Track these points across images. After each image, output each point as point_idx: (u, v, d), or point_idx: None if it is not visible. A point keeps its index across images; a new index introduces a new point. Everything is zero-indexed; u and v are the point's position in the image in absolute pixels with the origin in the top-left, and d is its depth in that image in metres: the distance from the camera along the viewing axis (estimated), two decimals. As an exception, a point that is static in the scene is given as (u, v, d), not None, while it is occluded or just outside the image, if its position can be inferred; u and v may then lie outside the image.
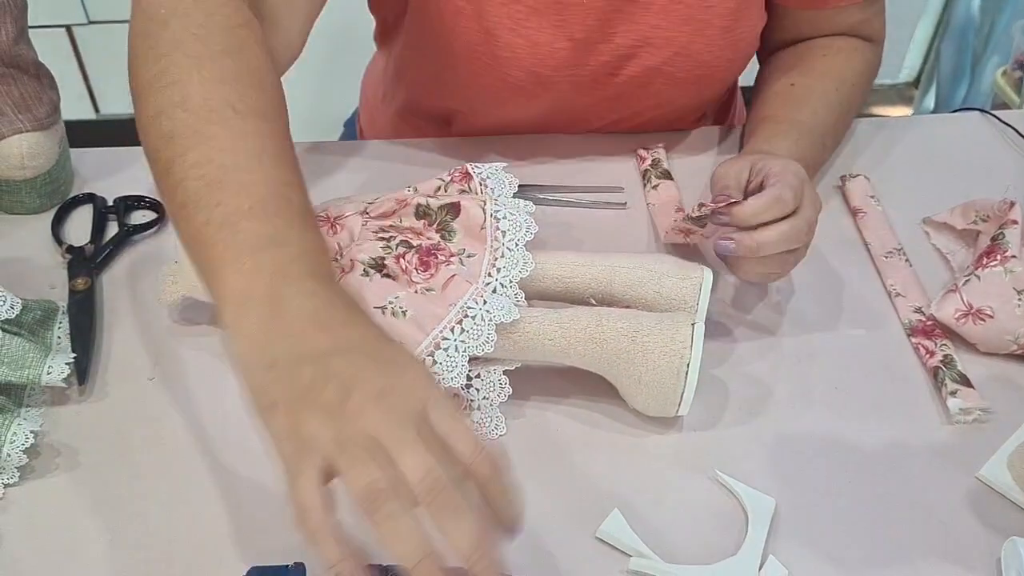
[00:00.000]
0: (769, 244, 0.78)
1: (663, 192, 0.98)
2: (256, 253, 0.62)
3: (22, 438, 0.73)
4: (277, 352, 0.59)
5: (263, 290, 0.61)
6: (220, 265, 0.62)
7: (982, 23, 2.35)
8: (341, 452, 0.55)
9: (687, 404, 0.74)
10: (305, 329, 0.60)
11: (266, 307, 0.60)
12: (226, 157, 0.66)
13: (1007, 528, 0.71)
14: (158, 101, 0.69)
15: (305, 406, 0.57)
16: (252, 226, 0.63)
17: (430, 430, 0.56)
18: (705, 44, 0.94)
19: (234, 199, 0.64)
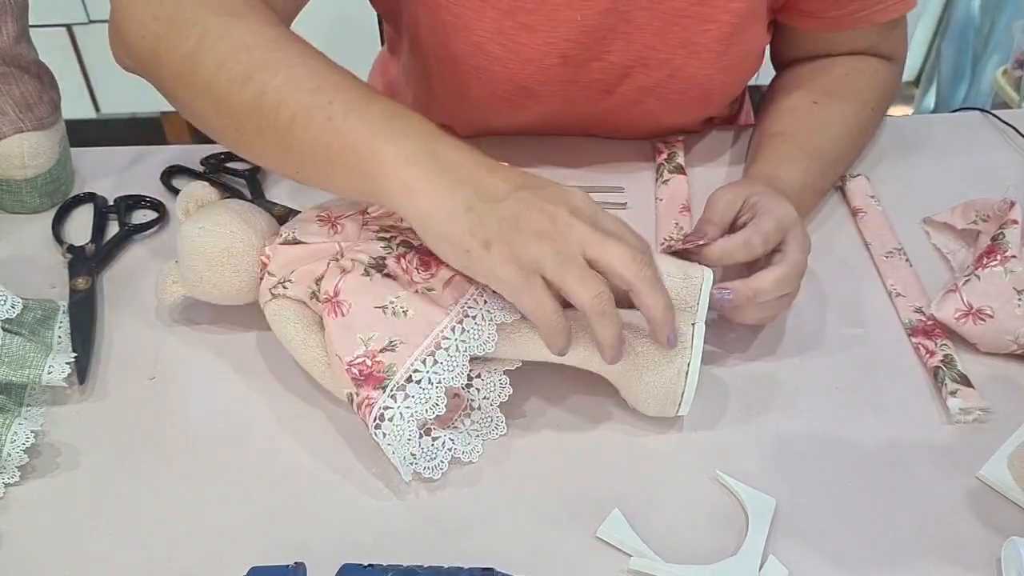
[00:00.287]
0: (765, 291, 0.78)
1: (672, 187, 0.99)
2: (392, 123, 0.68)
3: (23, 437, 0.73)
4: (466, 196, 0.66)
5: (419, 150, 0.67)
6: (366, 145, 0.67)
7: (982, 22, 2.35)
8: (567, 270, 0.65)
9: (687, 404, 0.74)
10: (477, 174, 0.67)
11: (432, 163, 0.66)
12: (307, 70, 0.70)
13: (1007, 528, 0.71)
14: (215, 56, 0.72)
15: (519, 235, 0.65)
16: (374, 105, 0.69)
17: (608, 230, 0.68)
18: (700, 66, 0.93)
19: (341, 93, 0.69)
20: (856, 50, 1.00)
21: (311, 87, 0.69)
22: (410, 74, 1.06)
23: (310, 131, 0.69)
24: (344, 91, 0.69)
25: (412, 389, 0.70)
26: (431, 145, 0.67)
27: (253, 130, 0.72)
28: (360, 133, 0.67)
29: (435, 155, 0.66)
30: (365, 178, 0.68)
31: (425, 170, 0.66)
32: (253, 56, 0.71)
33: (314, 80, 0.70)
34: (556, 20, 0.89)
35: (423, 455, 0.73)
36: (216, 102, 0.73)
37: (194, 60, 0.73)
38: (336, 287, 0.74)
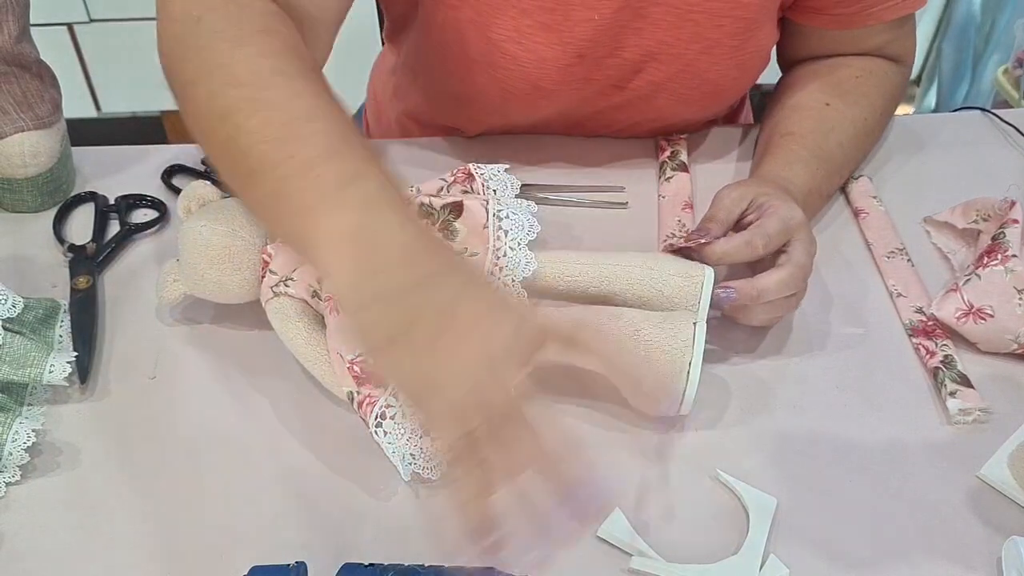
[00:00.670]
0: (769, 291, 0.78)
1: (675, 184, 0.99)
2: (341, 190, 0.62)
3: (24, 436, 0.73)
4: (383, 285, 0.60)
5: (355, 224, 0.61)
6: (307, 210, 0.62)
7: (983, 21, 2.35)
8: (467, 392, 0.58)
9: (689, 403, 0.74)
10: (405, 259, 0.61)
11: (362, 242, 0.61)
12: (286, 115, 0.66)
13: (1008, 527, 0.71)
14: (207, 87, 0.69)
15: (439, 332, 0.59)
16: (331, 167, 0.63)
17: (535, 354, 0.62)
18: (712, 62, 0.93)
19: (305, 149, 0.64)
20: (865, 50, 1.00)
21: (280, 136, 0.65)
22: (418, 72, 1.06)
23: (267, 184, 0.64)
24: (311, 145, 0.64)
25: (413, 388, 0.70)
26: (371, 220, 0.61)
27: (224, 170, 0.69)
28: (305, 199, 0.62)
29: (371, 234, 0.61)
30: (302, 245, 0.64)
31: (355, 251, 0.60)
32: (239, 93, 0.67)
33: (286, 128, 0.65)
34: (573, 19, 0.89)
35: (423, 455, 0.73)
36: (202, 134, 0.70)
37: (193, 87, 0.70)
38: (337, 286, 0.74)
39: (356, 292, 0.60)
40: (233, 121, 0.66)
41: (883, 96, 0.99)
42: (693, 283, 0.77)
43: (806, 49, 1.02)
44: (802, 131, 0.93)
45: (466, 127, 1.06)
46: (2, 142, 0.91)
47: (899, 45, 1.00)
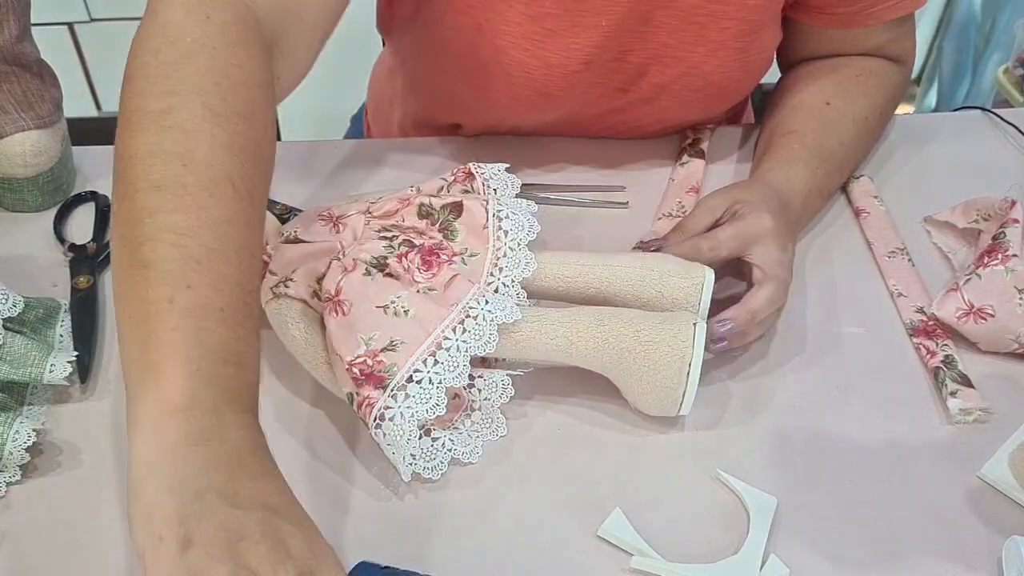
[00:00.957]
0: (761, 310, 0.79)
1: (688, 168, 1.00)
2: (218, 365, 0.56)
3: (24, 436, 0.73)
4: (210, 483, 0.52)
5: (209, 407, 0.55)
6: (169, 356, 0.56)
7: (983, 21, 2.34)
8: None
9: (689, 403, 0.74)
10: (243, 469, 0.54)
11: (206, 427, 0.54)
12: (212, 237, 0.60)
13: (1008, 527, 0.71)
14: (158, 140, 0.62)
15: (227, 558, 0.50)
16: (220, 330, 0.57)
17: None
18: (717, 64, 0.93)
19: (208, 290, 0.58)
20: (865, 49, 1.00)
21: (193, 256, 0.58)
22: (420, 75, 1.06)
23: (149, 290, 0.57)
24: (215, 292, 0.58)
25: (413, 389, 0.70)
26: (229, 414, 0.55)
27: (118, 234, 0.61)
28: (174, 342, 0.56)
29: (220, 425, 0.54)
30: (136, 377, 0.57)
31: (194, 432, 0.53)
32: (185, 179, 0.60)
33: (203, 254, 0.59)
34: (580, 25, 0.88)
35: (423, 455, 0.73)
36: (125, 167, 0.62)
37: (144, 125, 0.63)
38: (337, 286, 0.75)
39: (177, 475, 0.53)
40: (162, 198, 0.60)
41: (883, 95, 1.00)
42: (693, 283, 0.77)
43: (807, 49, 1.02)
44: (803, 130, 0.94)
45: (467, 129, 1.06)
46: (3, 141, 0.91)
47: (899, 45, 1.00)
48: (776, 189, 0.87)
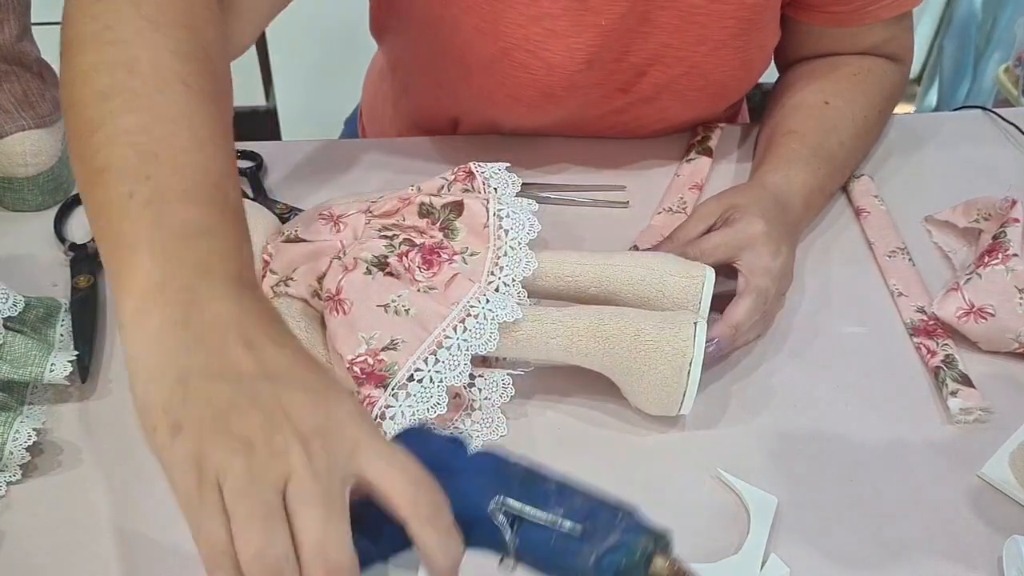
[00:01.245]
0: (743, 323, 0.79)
1: (694, 165, 1.01)
2: (181, 240, 0.54)
3: (25, 435, 0.73)
4: (190, 363, 0.50)
5: (180, 284, 0.52)
6: (134, 246, 0.54)
7: (984, 19, 2.34)
8: (242, 500, 0.47)
9: (689, 403, 0.74)
10: (227, 341, 0.51)
11: (181, 305, 0.52)
12: (167, 131, 0.58)
13: (1009, 526, 0.71)
14: (99, 56, 0.61)
15: (217, 434, 0.48)
16: (182, 210, 0.55)
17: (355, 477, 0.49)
18: (718, 63, 0.93)
19: (168, 177, 0.56)
20: (863, 48, 1.00)
21: (149, 150, 0.56)
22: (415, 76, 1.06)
23: (109, 191, 0.56)
24: (176, 176, 0.56)
25: (413, 388, 0.70)
26: (204, 286, 0.52)
27: (75, 153, 0.60)
28: (139, 232, 0.54)
29: (195, 300, 0.52)
30: (114, 278, 0.55)
31: (168, 314, 0.51)
32: (130, 82, 0.59)
33: (159, 146, 0.57)
34: (581, 25, 0.88)
35: (424, 454, 0.73)
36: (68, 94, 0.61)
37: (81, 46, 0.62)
38: (338, 285, 0.75)
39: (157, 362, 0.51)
40: (110, 106, 0.58)
41: (882, 94, 1.00)
42: (694, 283, 0.77)
43: (805, 48, 1.02)
44: (803, 130, 0.94)
45: (466, 130, 1.05)
46: (3, 141, 0.91)
47: (897, 44, 1.00)
48: (774, 190, 0.87)
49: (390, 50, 1.11)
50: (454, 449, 0.54)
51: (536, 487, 0.52)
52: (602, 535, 0.51)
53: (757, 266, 0.80)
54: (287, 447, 0.48)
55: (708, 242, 0.81)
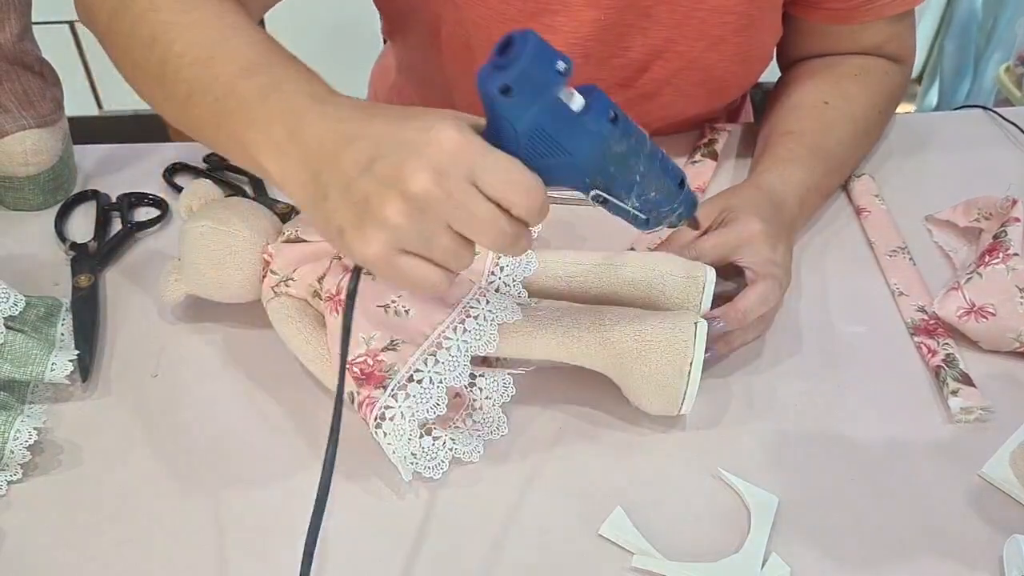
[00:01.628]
0: (752, 310, 0.79)
1: (698, 168, 1.01)
2: (264, 103, 0.64)
3: (25, 435, 0.73)
4: (323, 184, 0.61)
5: (283, 133, 0.63)
6: (243, 130, 0.65)
7: (985, 19, 2.35)
8: (430, 250, 0.60)
9: (690, 402, 0.74)
10: (336, 149, 0.60)
11: (294, 149, 0.62)
12: (207, 36, 0.68)
13: (1009, 526, 0.71)
14: (130, 16, 0.71)
15: (370, 219, 0.59)
16: (251, 83, 0.65)
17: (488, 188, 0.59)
18: (718, 58, 0.93)
19: (227, 67, 0.66)
20: (864, 48, 1.00)
21: (205, 57, 0.67)
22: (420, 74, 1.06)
23: (202, 108, 0.67)
24: (232, 62, 0.67)
25: (413, 389, 0.70)
26: (296, 125, 0.63)
27: (161, 97, 0.71)
28: (238, 120, 0.65)
29: (298, 139, 0.62)
30: (251, 165, 0.66)
31: (291, 160, 0.63)
32: (159, 17, 0.69)
33: (210, 49, 0.68)
34: (579, 20, 0.89)
35: (424, 455, 0.73)
36: (133, 66, 0.72)
37: (116, 19, 0.72)
38: (338, 286, 0.75)
39: (305, 194, 0.63)
40: (160, 46, 0.69)
41: (883, 94, 0.99)
42: (695, 283, 0.77)
43: (805, 46, 1.02)
44: (801, 129, 0.94)
45: None
46: (4, 140, 0.91)
47: (898, 43, 1.00)
48: (769, 190, 0.87)
49: (398, 50, 1.11)
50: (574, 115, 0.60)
51: (626, 177, 0.63)
52: (657, 222, 0.67)
53: (761, 258, 0.80)
54: (426, 203, 0.58)
55: (705, 243, 0.81)
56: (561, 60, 0.58)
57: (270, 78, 0.65)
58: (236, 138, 0.66)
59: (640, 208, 0.65)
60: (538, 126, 0.59)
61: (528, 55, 0.57)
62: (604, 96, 0.62)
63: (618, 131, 0.61)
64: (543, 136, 0.59)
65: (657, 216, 0.66)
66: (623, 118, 0.62)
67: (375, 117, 0.61)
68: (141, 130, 2.51)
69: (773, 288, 0.79)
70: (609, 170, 0.62)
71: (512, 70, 0.57)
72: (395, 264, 0.60)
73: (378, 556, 0.69)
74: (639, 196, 0.64)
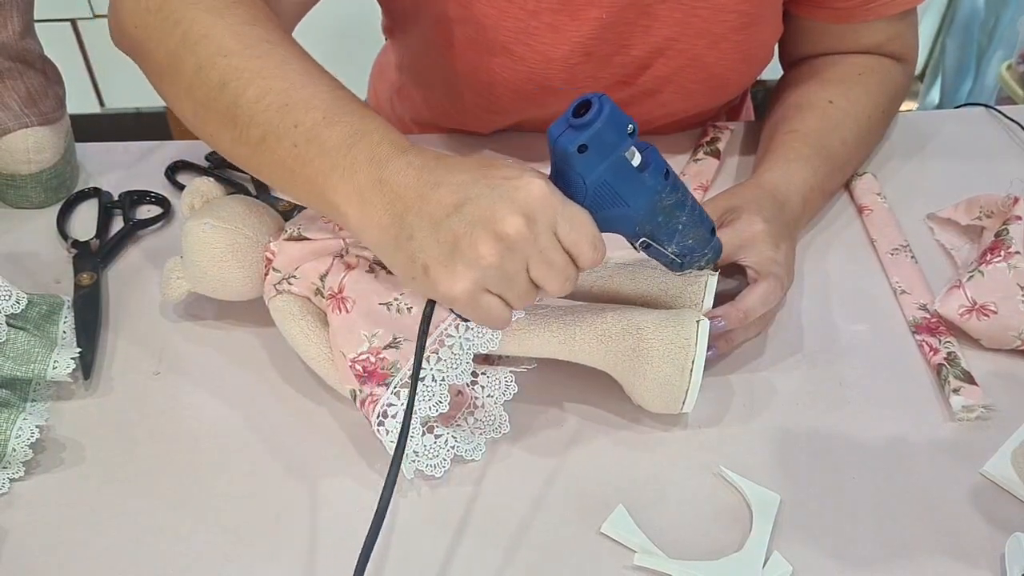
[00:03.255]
0: (754, 309, 0.79)
1: (700, 166, 1.01)
2: (348, 152, 0.66)
3: (27, 433, 0.73)
4: (408, 224, 0.63)
5: (368, 180, 0.65)
6: (324, 177, 0.66)
7: (987, 17, 2.34)
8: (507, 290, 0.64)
9: (692, 401, 0.74)
10: (423, 195, 0.63)
11: (379, 196, 0.64)
12: (281, 83, 0.69)
13: (1011, 524, 0.71)
14: (196, 58, 0.71)
15: (459, 257, 0.62)
16: (334, 132, 0.67)
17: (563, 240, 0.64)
18: (719, 56, 0.93)
19: (307, 115, 0.67)
20: (866, 47, 1.00)
21: (281, 104, 0.68)
22: (422, 73, 1.06)
23: (277, 154, 0.68)
24: (312, 110, 0.68)
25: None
26: (381, 174, 0.65)
27: (229, 140, 0.72)
28: (318, 167, 0.67)
29: (383, 185, 0.64)
30: (328, 209, 0.68)
31: (373, 205, 0.65)
32: (230, 63, 0.70)
33: (285, 96, 0.69)
34: (580, 19, 0.89)
35: (425, 453, 0.73)
36: (196, 104, 0.73)
37: (178, 59, 0.73)
38: (340, 283, 0.75)
39: (388, 239, 0.64)
40: (232, 90, 0.70)
41: (886, 93, 0.99)
42: (696, 282, 0.77)
43: (807, 44, 1.02)
44: (804, 129, 0.93)
45: (470, 126, 1.05)
46: (6, 138, 0.91)
47: (901, 42, 1.00)
48: (772, 189, 0.87)
49: (399, 48, 1.11)
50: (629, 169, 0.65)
51: (671, 226, 0.68)
52: (689, 265, 0.72)
53: (764, 257, 0.80)
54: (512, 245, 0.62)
55: None
56: (630, 123, 0.64)
57: (351, 128, 0.67)
58: (314, 184, 0.67)
59: (677, 253, 0.71)
60: (605, 181, 0.64)
61: (604, 119, 0.62)
62: (657, 152, 0.67)
63: (669, 185, 0.67)
64: (608, 189, 0.65)
65: (690, 260, 0.72)
66: (673, 174, 0.67)
67: (458, 165, 0.65)
68: (143, 128, 2.52)
69: (775, 288, 0.79)
70: (658, 220, 0.68)
71: (589, 131, 0.62)
72: (478, 302, 0.64)
73: (379, 554, 0.69)
74: (679, 243, 0.70)
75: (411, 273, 0.64)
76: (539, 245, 0.63)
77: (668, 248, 0.70)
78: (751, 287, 0.79)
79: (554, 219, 0.63)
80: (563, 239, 0.64)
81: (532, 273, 0.64)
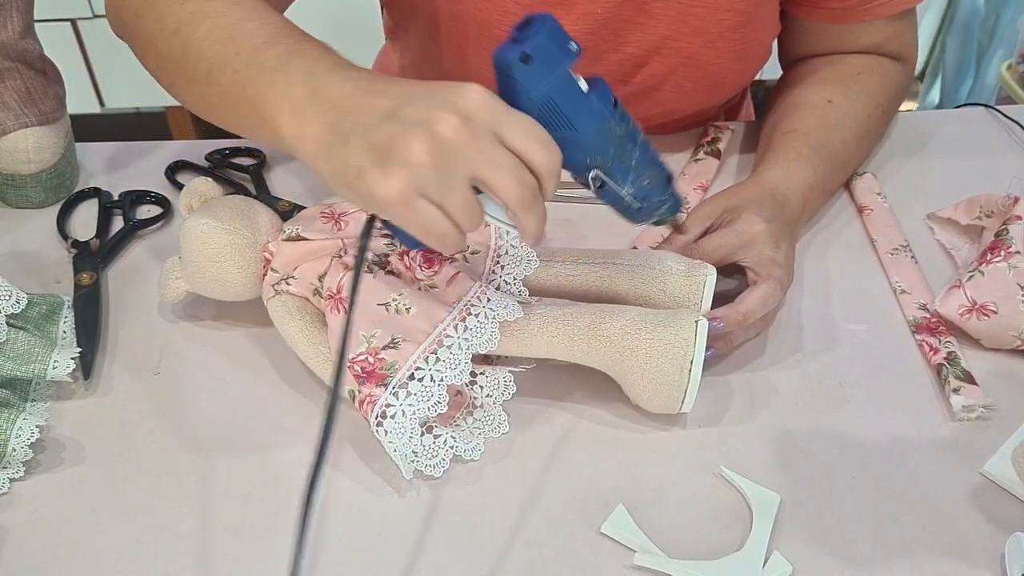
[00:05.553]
0: (753, 311, 0.79)
1: (701, 166, 1.01)
2: (284, 67, 0.66)
3: (27, 433, 0.73)
4: (344, 130, 0.62)
5: (303, 92, 0.64)
6: (260, 96, 0.66)
7: (987, 17, 2.34)
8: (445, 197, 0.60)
9: (691, 400, 0.74)
10: (359, 103, 0.62)
11: (316, 104, 0.63)
12: (228, 19, 0.71)
13: (1011, 524, 0.71)
14: (155, 11, 0.75)
15: (393, 160, 0.59)
16: (272, 52, 0.68)
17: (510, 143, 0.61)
18: (715, 55, 0.93)
19: (249, 42, 0.69)
20: (865, 47, 1.00)
21: (227, 37, 0.70)
22: (422, 72, 1.06)
23: (222, 84, 0.69)
24: (254, 38, 0.69)
25: (414, 387, 0.70)
26: (317, 85, 0.64)
27: (183, 82, 0.74)
28: (255, 85, 0.67)
29: (318, 96, 0.64)
30: (266, 128, 0.67)
31: (310, 115, 0.63)
32: (185, 8, 0.73)
33: (231, 30, 0.70)
34: (576, 14, 0.89)
35: (425, 453, 0.73)
36: (158, 57, 0.76)
37: (143, 15, 0.76)
38: (339, 284, 0.75)
39: (322, 147, 0.63)
40: (184, 33, 0.73)
41: (886, 93, 0.99)
42: (695, 281, 0.77)
43: (806, 45, 1.02)
44: (804, 128, 0.93)
45: None
46: (6, 138, 0.91)
47: (900, 42, 1.00)
48: (772, 189, 0.87)
49: (401, 49, 1.11)
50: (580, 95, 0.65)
51: (623, 161, 0.67)
52: (648, 214, 0.71)
53: (764, 258, 0.80)
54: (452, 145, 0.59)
55: (707, 243, 0.81)
56: (573, 42, 0.64)
57: (290, 48, 0.68)
58: (252, 105, 0.67)
59: (634, 195, 0.69)
60: (550, 97, 0.63)
61: (547, 31, 0.63)
62: (606, 84, 0.66)
63: (618, 114, 0.66)
64: (553, 108, 0.63)
65: (648, 206, 0.70)
66: (621, 106, 0.67)
67: (398, 80, 0.64)
68: (143, 128, 2.52)
69: (775, 289, 0.79)
70: (609, 151, 0.66)
71: (532, 41, 0.62)
72: (413, 206, 0.60)
73: (379, 554, 0.69)
74: (634, 183, 0.68)
75: (345, 179, 0.62)
76: (479, 145, 0.60)
77: (623, 188, 0.68)
78: (751, 289, 0.79)
79: (495, 122, 0.60)
80: (509, 142, 0.61)
81: (478, 175, 0.60)
